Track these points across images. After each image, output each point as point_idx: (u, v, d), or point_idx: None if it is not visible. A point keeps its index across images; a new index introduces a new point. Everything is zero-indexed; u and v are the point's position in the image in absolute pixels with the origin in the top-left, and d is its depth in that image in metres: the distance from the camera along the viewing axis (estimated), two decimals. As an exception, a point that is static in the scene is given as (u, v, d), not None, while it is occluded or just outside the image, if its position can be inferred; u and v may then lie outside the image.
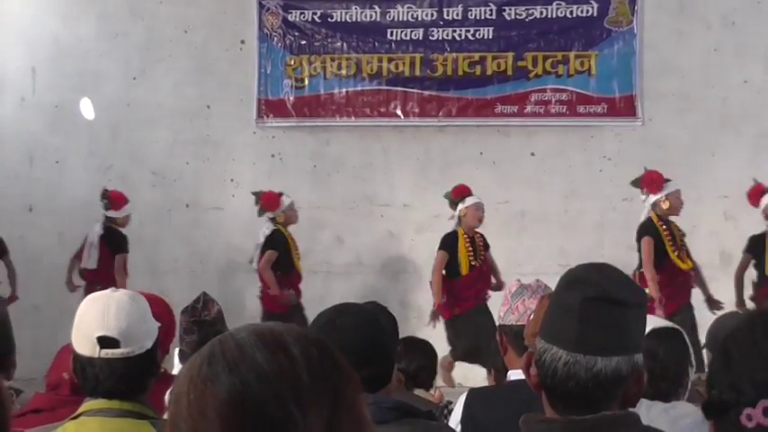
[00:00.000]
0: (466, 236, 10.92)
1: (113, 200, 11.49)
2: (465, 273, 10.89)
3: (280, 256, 11.04)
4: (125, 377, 3.11)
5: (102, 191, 11.56)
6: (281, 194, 11.30)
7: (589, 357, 2.22)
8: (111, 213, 11.45)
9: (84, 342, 3.13)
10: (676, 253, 10.39)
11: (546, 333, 2.30)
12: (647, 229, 10.44)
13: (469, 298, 10.89)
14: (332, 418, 1.43)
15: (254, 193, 11.40)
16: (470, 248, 10.89)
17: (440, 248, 10.94)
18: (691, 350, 3.63)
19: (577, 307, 2.23)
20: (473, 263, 10.88)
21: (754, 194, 10.82)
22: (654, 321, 3.70)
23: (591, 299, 2.23)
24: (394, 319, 3.96)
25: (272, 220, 11.21)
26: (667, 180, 10.51)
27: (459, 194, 11.08)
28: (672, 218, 10.59)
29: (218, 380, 1.42)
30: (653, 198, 10.51)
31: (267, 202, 11.27)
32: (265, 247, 11.09)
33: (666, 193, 10.47)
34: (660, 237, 10.35)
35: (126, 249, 11.44)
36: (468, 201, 10.98)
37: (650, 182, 10.56)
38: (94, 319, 3.11)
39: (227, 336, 1.49)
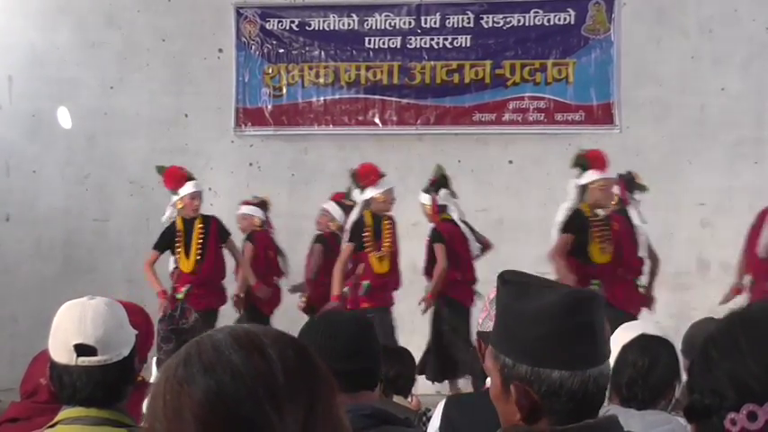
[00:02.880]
0: None
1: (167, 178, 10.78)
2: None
3: None
4: (102, 385, 3.10)
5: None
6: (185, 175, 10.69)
7: (602, 366, 2.24)
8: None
9: (61, 350, 3.12)
10: None
11: (557, 362, 2.22)
12: None
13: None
14: (308, 419, 1.43)
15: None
16: None
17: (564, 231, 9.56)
18: (680, 363, 3.61)
19: (594, 325, 2.23)
20: None
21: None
22: (645, 327, 3.70)
23: (599, 314, 2.25)
24: (373, 328, 3.95)
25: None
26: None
27: None
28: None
29: (194, 381, 1.42)
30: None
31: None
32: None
33: None
34: None
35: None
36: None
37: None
38: (71, 327, 3.10)
39: (204, 337, 1.49)
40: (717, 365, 1.78)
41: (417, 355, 6.76)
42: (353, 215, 10.36)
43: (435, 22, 12.64)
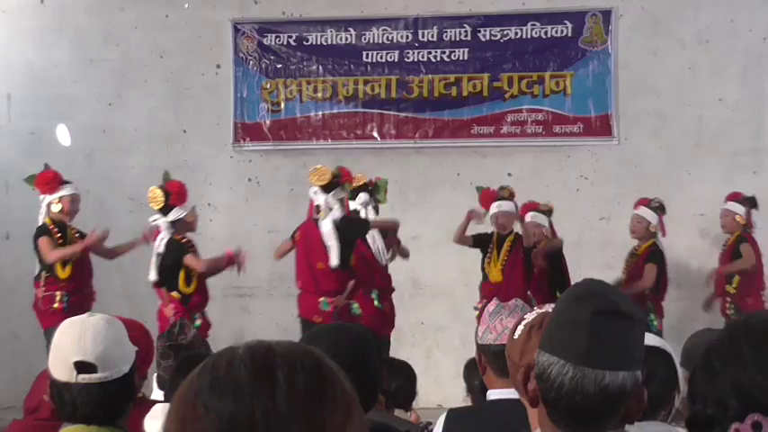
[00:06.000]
0: None
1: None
2: None
3: None
4: (102, 402, 3.10)
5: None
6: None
7: (597, 371, 2.21)
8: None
9: (60, 367, 3.12)
10: None
11: (551, 347, 2.27)
12: None
13: None
14: None
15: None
16: None
17: None
18: (679, 373, 3.60)
19: (588, 320, 2.21)
20: None
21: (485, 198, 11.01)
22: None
23: (601, 312, 2.22)
24: (378, 340, 3.97)
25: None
26: None
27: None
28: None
29: (201, 394, 1.41)
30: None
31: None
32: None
33: None
34: None
35: None
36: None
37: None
38: (71, 344, 3.10)
39: (228, 349, 1.48)
40: (720, 375, 1.77)
41: (418, 369, 6.73)
42: None
43: (433, 36, 12.64)
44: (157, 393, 5.32)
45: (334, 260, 9.91)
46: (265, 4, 12.87)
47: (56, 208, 10.40)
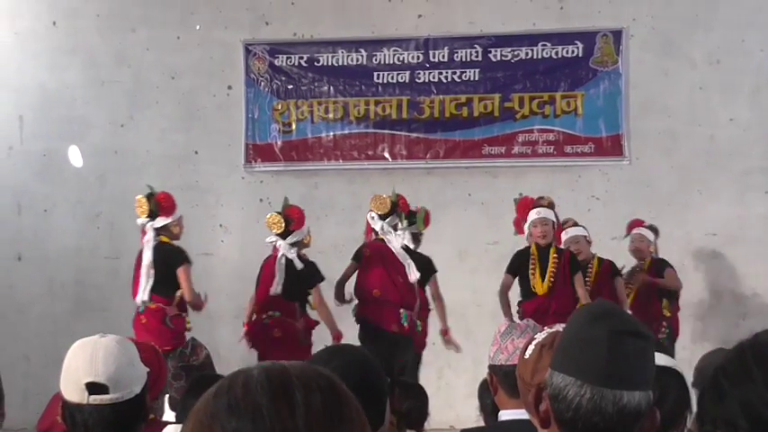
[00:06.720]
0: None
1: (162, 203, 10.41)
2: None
3: None
4: (114, 423, 3.10)
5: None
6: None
7: (615, 391, 2.21)
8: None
9: (72, 388, 3.12)
10: None
11: (566, 367, 2.26)
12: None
13: None
14: None
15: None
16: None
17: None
18: (691, 394, 3.59)
19: (605, 340, 2.20)
20: None
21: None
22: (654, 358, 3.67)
23: (618, 332, 2.21)
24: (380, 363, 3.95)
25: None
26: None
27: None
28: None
29: (217, 417, 1.41)
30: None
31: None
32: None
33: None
34: None
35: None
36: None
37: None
38: (83, 366, 3.11)
39: (242, 371, 1.48)
40: (728, 395, 1.77)
41: (430, 390, 6.72)
42: None
43: (443, 56, 12.66)
44: (169, 414, 5.32)
45: (414, 275, 10.45)
46: (276, 26, 12.91)
47: (175, 230, 10.39)
